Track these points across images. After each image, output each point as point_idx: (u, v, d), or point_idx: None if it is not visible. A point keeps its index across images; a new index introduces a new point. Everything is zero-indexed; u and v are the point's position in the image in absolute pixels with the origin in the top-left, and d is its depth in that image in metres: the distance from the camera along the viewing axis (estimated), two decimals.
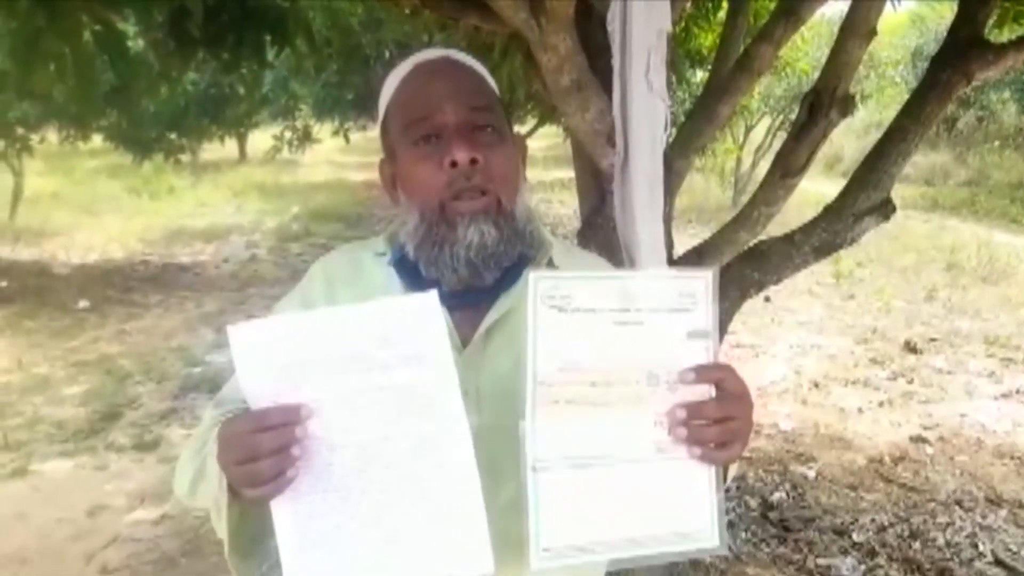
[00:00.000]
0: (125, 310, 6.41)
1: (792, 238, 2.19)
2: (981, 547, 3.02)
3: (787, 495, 3.42)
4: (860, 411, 4.41)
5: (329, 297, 0.97)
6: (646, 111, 1.75)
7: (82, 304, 6.43)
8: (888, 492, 3.48)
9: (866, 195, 2.08)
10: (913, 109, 2.05)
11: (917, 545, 3.04)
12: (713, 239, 2.37)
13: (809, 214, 2.26)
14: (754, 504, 3.34)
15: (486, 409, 0.87)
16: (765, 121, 11.77)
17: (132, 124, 9.06)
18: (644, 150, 1.77)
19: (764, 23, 2.19)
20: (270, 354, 0.75)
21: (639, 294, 0.77)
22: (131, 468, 3.70)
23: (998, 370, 5.05)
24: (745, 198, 3.73)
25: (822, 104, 2.05)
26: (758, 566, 2.89)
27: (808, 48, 9.49)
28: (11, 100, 6.06)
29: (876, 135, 2.26)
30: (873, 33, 1.96)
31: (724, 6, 3.24)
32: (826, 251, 2.17)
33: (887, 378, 4.93)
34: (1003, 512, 3.30)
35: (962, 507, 3.34)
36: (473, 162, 0.88)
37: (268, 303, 1.06)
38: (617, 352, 0.77)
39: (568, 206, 10.75)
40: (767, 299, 6.33)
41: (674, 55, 3.90)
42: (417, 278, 0.93)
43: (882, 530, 3.15)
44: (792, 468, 3.68)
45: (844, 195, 2.14)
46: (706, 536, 0.79)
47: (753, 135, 11.92)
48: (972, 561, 2.94)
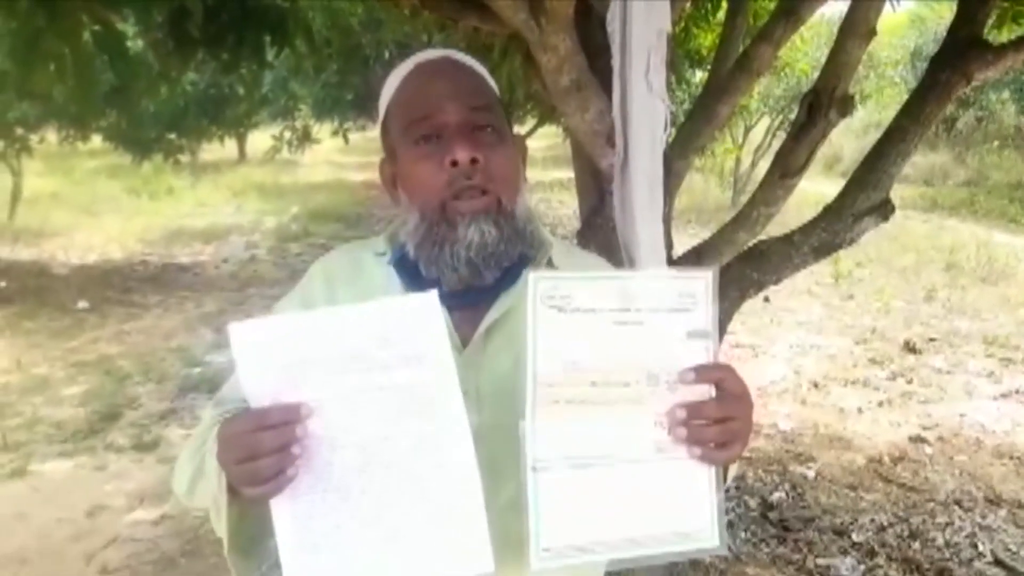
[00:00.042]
0: (124, 310, 6.41)
1: (791, 238, 2.19)
2: (980, 547, 3.02)
3: (787, 495, 3.43)
4: (859, 411, 4.41)
5: (329, 297, 0.97)
6: (646, 111, 1.75)
7: (81, 304, 6.42)
8: (887, 492, 3.48)
9: (865, 195, 2.09)
10: (912, 109, 2.05)
11: (916, 545, 3.04)
12: (712, 239, 2.37)
13: (808, 214, 2.27)
14: (754, 504, 3.34)
15: (486, 409, 0.87)
16: (764, 121, 11.77)
17: (131, 124, 9.04)
18: (644, 150, 1.77)
19: (763, 23, 2.19)
20: (271, 353, 0.75)
21: (639, 294, 0.77)
22: (130, 468, 3.70)
23: (997, 370, 5.06)
24: (744, 198, 3.73)
25: (821, 104, 2.05)
26: (758, 566, 2.89)
27: (807, 48, 9.50)
28: (11, 100, 6.04)
29: (875, 135, 2.26)
30: (872, 33, 1.96)
31: (723, 6, 3.24)
32: (825, 251, 2.17)
33: (886, 378, 4.93)
34: (1002, 512, 3.30)
35: (961, 507, 3.34)
36: (474, 161, 0.88)
37: (268, 303, 1.06)
38: (617, 352, 0.77)
39: (567, 206, 10.75)
40: (766, 299, 6.33)
41: (674, 55, 3.90)
42: (417, 278, 0.93)
43: (881, 530, 3.15)
44: (792, 468, 3.68)
45: (843, 195, 2.14)
46: (706, 536, 0.79)
47: (752, 135, 11.92)
48: (971, 561, 2.94)
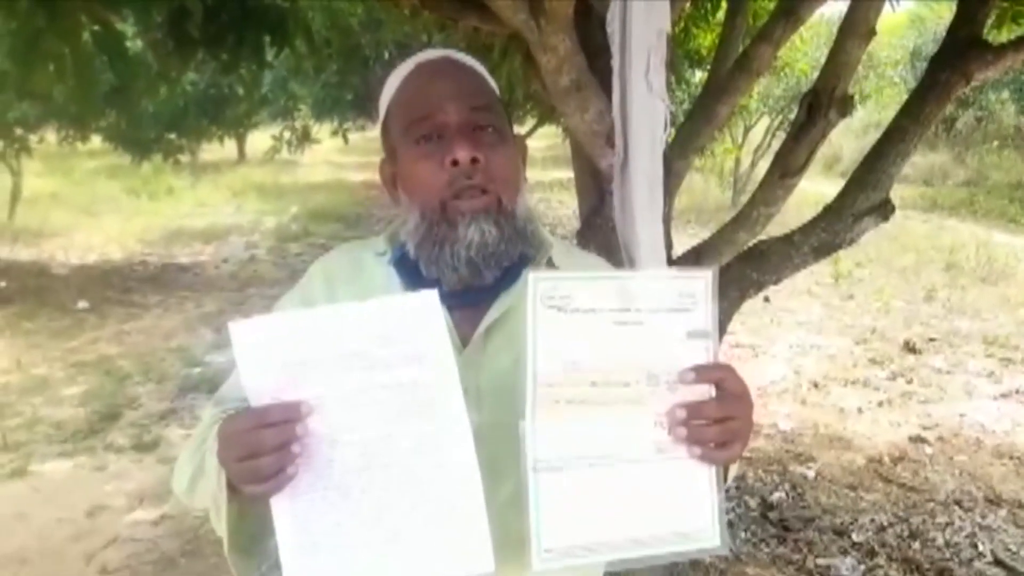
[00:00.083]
0: (124, 310, 6.40)
1: (791, 238, 2.19)
2: (980, 547, 3.02)
3: (786, 495, 3.43)
4: (859, 411, 4.41)
5: (329, 296, 0.97)
6: (645, 111, 1.75)
7: (81, 305, 6.42)
8: (887, 492, 3.48)
9: (865, 195, 2.08)
10: (912, 109, 2.05)
11: (916, 545, 3.04)
12: (712, 239, 2.37)
13: (808, 214, 2.27)
14: (754, 504, 3.34)
15: (486, 408, 0.87)
16: (764, 121, 11.77)
17: (131, 124, 9.04)
18: (643, 150, 1.77)
19: (763, 23, 2.19)
20: (271, 351, 0.75)
21: (639, 294, 0.77)
22: (130, 468, 3.70)
23: (997, 370, 5.06)
24: (744, 198, 3.73)
25: (821, 104, 2.05)
26: (758, 566, 2.89)
27: (807, 48, 9.50)
28: (10, 100, 6.04)
29: (875, 135, 2.26)
30: (872, 33, 1.96)
31: (723, 6, 3.24)
32: (825, 251, 2.17)
33: (886, 378, 4.93)
34: (1002, 512, 3.30)
35: (961, 507, 3.34)
36: (474, 161, 0.88)
37: (268, 303, 1.06)
38: (617, 352, 0.77)
39: (567, 206, 10.75)
40: (766, 299, 6.33)
41: (673, 55, 3.90)
42: (417, 277, 0.93)
43: (881, 530, 3.15)
44: (791, 468, 3.68)
45: (843, 195, 2.14)
46: (707, 536, 0.79)
47: (752, 135, 11.93)
48: (971, 561, 2.94)
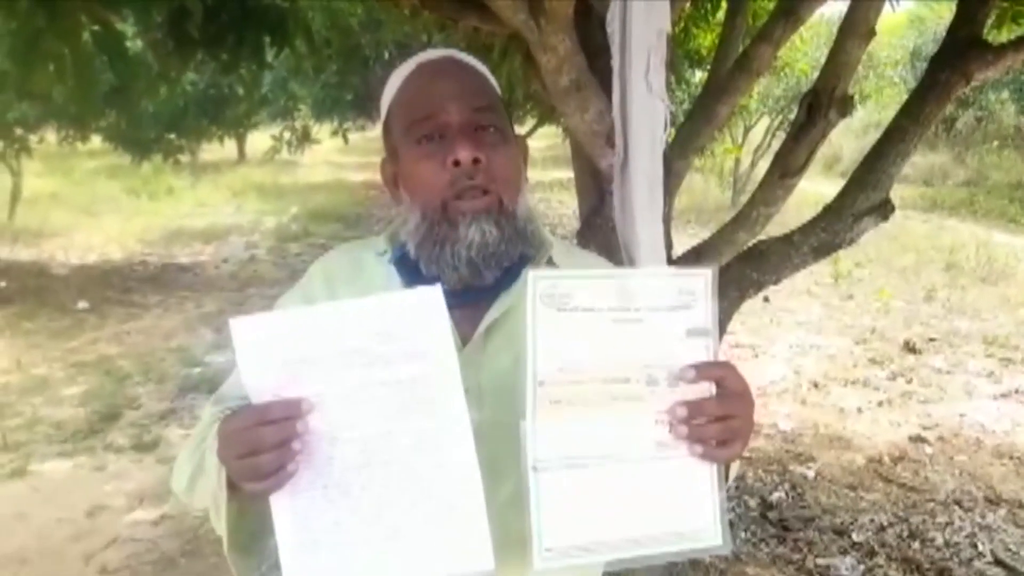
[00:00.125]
0: (124, 311, 6.40)
1: (791, 238, 2.19)
2: (980, 547, 3.02)
3: (786, 495, 3.43)
4: (859, 411, 4.41)
5: (329, 295, 0.97)
6: (645, 111, 1.75)
7: (81, 305, 6.42)
8: (887, 492, 3.48)
9: (865, 195, 2.08)
10: (912, 109, 2.05)
11: (916, 545, 3.04)
12: (712, 239, 2.37)
13: (808, 214, 2.27)
14: (753, 504, 3.34)
15: (486, 406, 0.87)
16: (764, 121, 11.77)
17: (131, 125, 9.04)
18: (643, 150, 1.77)
19: (763, 23, 2.19)
20: (272, 348, 0.74)
21: (638, 292, 0.77)
22: (130, 468, 3.70)
23: (997, 370, 5.06)
24: (744, 198, 3.73)
25: (821, 104, 2.04)
26: (757, 566, 2.89)
27: (807, 48, 9.50)
28: (10, 100, 6.04)
29: (875, 135, 2.26)
30: (872, 33, 1.96)
31: (723, 6, 3.24)
32: (825, 251, 2.17)
33: (886, 378, 4.93)
34: (1002, 512, 3.30)
35: (961, 507, 3.34)
36: (476, 161, 0.88)
37: (268, 303, 1.06)
38: (617, 351, 0.76)
39: (567, 206, 10.75)
40: (766, 299, 6.34)
41: (673, 56, 3.90)
42: (417, 277, 0.93)
43: (881, 530, 3.15)
44: (791, 468, 3.68)
45: (843, 195, 2.14)
46: (709, 535, 0.79)
47: (752, 135, 11.93)
48: (971, 561, 2.94)
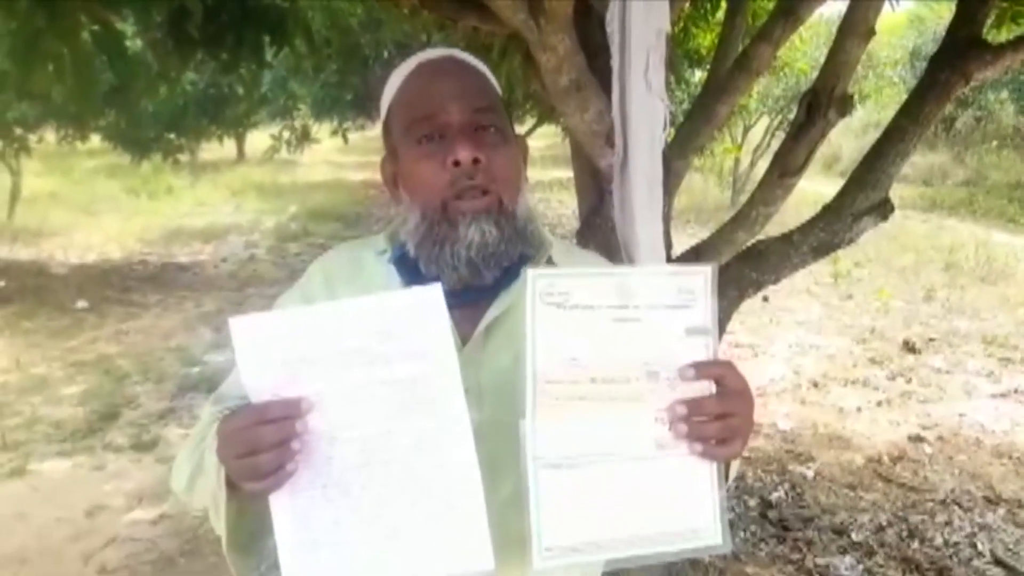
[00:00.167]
0: (123, 310, 6.40)
1: (790, 238, 2.19)
2: (979, 546, 3.03)
3: (786, 494, 3.43)
4: (859, 411, 4.41)
5: (329, 295, 0.97)
6: (645, 111, 1.75)
7: (80, 304, 6.42)
8: (887, 491, 3.48)
9: (864, 195, 2.08)
10: (911, 109, 2.05)
11: (916, 544, 3.05)
12: (711, 239, 2.37)
13: (807, 214, 2.26)
14: (753, 503, 3.34)
15: (486, 406, 0.87)
16: (763, 121, 11.78)
17: (130, 124, 9.05)
18: (643, 150, 1.77)
19: (762, 23, 2.19)
20: (271, 348, 0.74)
21: (638, 290, 0.77)
22: (129, 468, 3.70)
23: (996, 370, 5.06)
24: (743, 198, 3.73)
25: (820, 104, 2.04)
26: (757, 565, 2.89)
27: (806, 48, 9.49)
28: (10, 100, 6.04)
29: (874, 135, 2.25)
30: (871, 33, 1.96)
31: (722, 6, 3.24)
32: (824, 251, 2.16)
33: (886, 378, 4.93)
34: (1001, 511, 3.31)
35: (960, 506, 3.35)
36: (476, 162, 0.88)
37: (267, 303, 1.06)
38: (616, 349, 0.76)
39: (567, 206, 10.75)
40: (765, 299, 6.34)
41: (673, 55, 3.90)
42: (417, 276, 0.93)
43: (881, 529, 3.15)
44: (791, 467, 3.68)
45: (842, 195, 2.13)
46: (709, 534, 0.79)
47: (751, 135, 11.93)
48: (971, 560, 2.94)
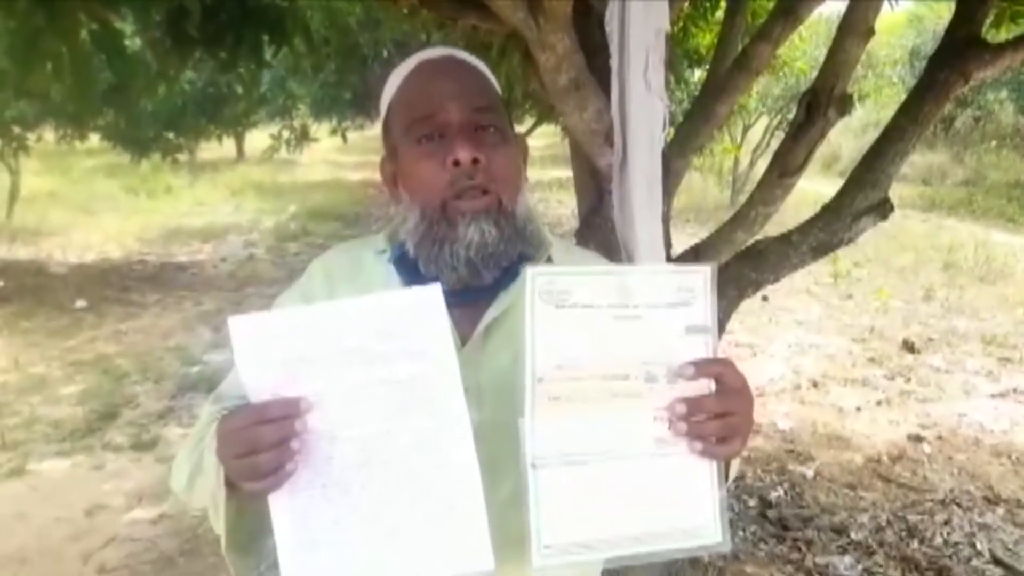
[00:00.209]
0: (122, 309, 6.40)
1: (790, 237, 2.19)
2: (979, 545, 3.03)
3: (785, 494, 3.43)
4: (858, 410, 4.42)
5: (329, 294, 0.97)
6: (644, 110, 1.75)
7: (79, 303, 6.41)
8: (886, 491, 3.48)
9: (864, 195, 2.08)
10: (911, 109, 2.05)
11: (915, 543, 3.05)
12: (711, 238, 2.37)
13: (807, 213, 2.26)
14: (752, 503, 3.34)
15: (486, 405, 0.87)
16: (763, 120, 11.79)
17: (129, 123, 9.04)
18: (642, 149, 1.77)
19: (762, 22, 2.19)
20: (271, 347, 0.74)
21: (637, 289, 0.77)
22: (129, 468, 3.70)
23: (996, 369, 5.06)
24: (743, 197, 3.73)
25: (820, 103, 2.04)
26: (756, 564, 2.89)
27: (806, 47, 9.49)
28: (8, 99, 6.04)
29: (874, 134, 2.25)
30: (871, 32, 1.96)
31: (722, 5, 3.24)
32: (824, 250, 2.16)
33: (885, 377, 4.94)
34: (1000, 511, 3.31)
35: (960, 506, 3.35)
36: (475, 161, 0.88)
37: (266, 302, 1.06)
38: (616, 347, 0.76)
39: (566, 206, 10.75)
40: (765, 298, 6.34)
41: (672, 54, 3.90)
42: (417, 276, 0.93)
43: (880, 529, 3.15)
44: (790, 467, 3.68)
45: (842, 195, 2.13)
46: (709, 533, 0.79)
47: (751, 134, 11.94)
48: (970, 560, 2.94)
